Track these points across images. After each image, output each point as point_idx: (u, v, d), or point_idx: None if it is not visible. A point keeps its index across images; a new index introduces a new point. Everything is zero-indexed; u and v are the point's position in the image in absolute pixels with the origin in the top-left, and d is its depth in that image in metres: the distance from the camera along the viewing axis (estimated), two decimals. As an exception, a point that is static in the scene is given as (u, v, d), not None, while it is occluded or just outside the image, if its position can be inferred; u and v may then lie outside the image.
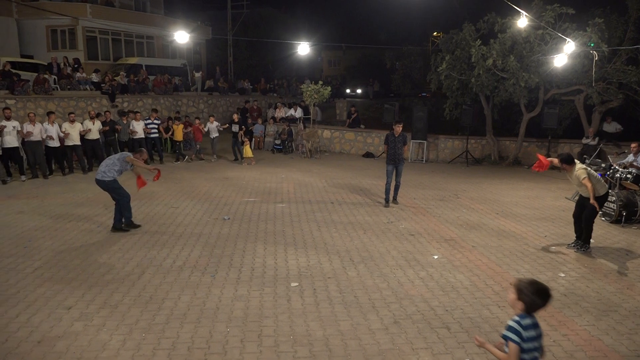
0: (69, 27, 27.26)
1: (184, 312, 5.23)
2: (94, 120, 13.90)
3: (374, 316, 5.22)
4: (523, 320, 2.93)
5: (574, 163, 7.39)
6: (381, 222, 9.11)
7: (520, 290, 2.96)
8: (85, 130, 13.55)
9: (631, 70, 14.61)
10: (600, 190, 7.35)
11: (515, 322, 2.94)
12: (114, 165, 8.07)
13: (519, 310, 2.99)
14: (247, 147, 16.07)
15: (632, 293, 5.96)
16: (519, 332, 2.90)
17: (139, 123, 15.16)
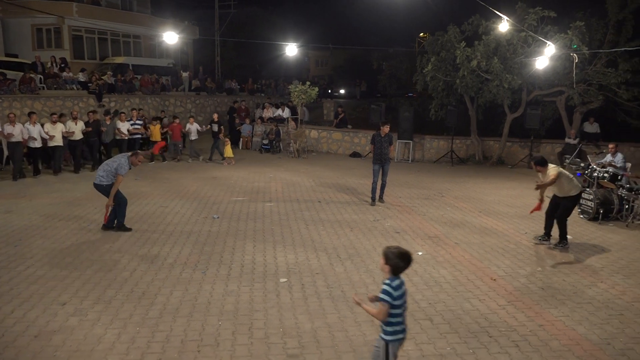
0: (54, 26, 27.09)
1: (176, 306, 5.39)
2: (77, 120, 13.75)
3: (360, 309, 5.41)
4: (393, 282, 3.40)
5: (547, 165, 7.77)
6: (367, 220, 9.32)
7: (387, 256, 3.42)
8: (68, 132, 13.41)
9: (610, 72, 15.01)
10: (572, 191, 7.72)
11: (387, 285, 3.40)
12: (111, 172, 8.13)
13: (386, 273, 3.44)
14: (228, 147, 16.12)
15: (605, 286, 6.25)
16: (391, 293, 3.37)
17: (124, 123, 15.05)
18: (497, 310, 5.49)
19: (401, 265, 3.39)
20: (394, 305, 3.38)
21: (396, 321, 3.44)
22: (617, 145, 11.12)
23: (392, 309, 3.39)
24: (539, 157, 7.91)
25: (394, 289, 3.38)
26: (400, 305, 3.42)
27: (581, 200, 9.90)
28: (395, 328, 3.45)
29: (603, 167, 10.49)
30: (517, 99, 17.05)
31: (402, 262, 3.39)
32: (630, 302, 5.79)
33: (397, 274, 3.43)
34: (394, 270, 3.41)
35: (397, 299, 3.38)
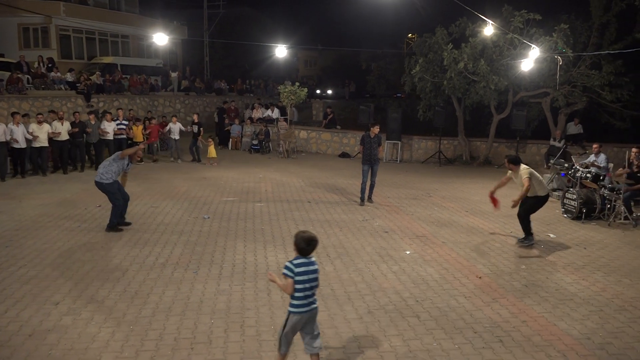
0: (41, 25, 26.93)
1: (169, 305, 5.48)
2: (63, 121, 13.65)
3: (349, 307, 5.56)
4: (295, 261, 3.92)
5: (520, 164, 7.96)
6: (357, 220, 9.47)
7: (295, 239, 3.97)
8: (54, 132, 13.30)
9: (594, 74, 15.31)
10: (541, 192, 7.93)
11: (289, 262, 3.93)
12: (110, 166, 8.18)
13: (295, 253, 3.95)
14: (212, 148, 16.10)
15: (587, 284, 6.45)
16: (292, 268, 3.88)
17: (110, 124, 14.86)
18: (482, 307, 5.65)
19: (304, 247, 3.90)
20: (297, 280, 3.86)
21: (299, 296, 3.90)
22: (601, 145, 11.40)
23: (296, 284, 3.87)
24: (513, 156, 8.15)
25: (295, 266, 3.88)
26: (303, 282, 3.89)
27: (565, 199, 10.16)
28: (299, 302, 3.92)
29: (586, 167, 10.74)
30: (504, 100, 17.31)
31: (305, 245, 3.89)
32: (610, 298, 5.99)
33: (302, 255, 3.92)
34: (299, 251, 3.93)
35: (299, 275, 3.86)
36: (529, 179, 7.70)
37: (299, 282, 3.87)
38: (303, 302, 3.93)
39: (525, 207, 7.96)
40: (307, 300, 3.95)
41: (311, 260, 3.97)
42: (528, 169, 7.88)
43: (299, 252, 3.93)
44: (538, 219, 9.78)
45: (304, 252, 3.92)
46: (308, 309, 3.97)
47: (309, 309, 3.97)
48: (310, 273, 3.93)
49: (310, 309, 3.98)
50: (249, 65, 37.74)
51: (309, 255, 3.95)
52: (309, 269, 3.92)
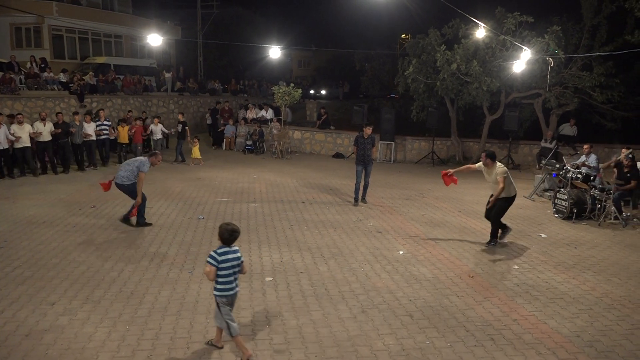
0: (34, 25, 26.76)
1: (164, 305, 5.52)
2: (45, 122, 13.35)
3: (343, 306, 5.63)
4: (219, 250, 4.38)
5: (496, 161, 7.95)
6: (350, 220, 9.54)
7: (219, 230, 4.42)
8: (35, 133, 12.99)
9: (585, 75, 15.50)
10: (512, 192, 7.95)
11: (213, 252, 4.37)
12: (132, 171, 8.44)
13: (219, 243, 4.39)
14: (196, 148, 16.03)
15: (577, 282, 6.55)
16: (215, 257, 4.33)
17: (90, 125, 14.53)
18: (474, 306, 5.74)
19: (227, 237, 4.37)
20: (221, 267, 4.33)
21: (223, 281, 4.38)
22: (592, 146, 11.54)
23: (219, 270, 4.34)
24: (491, 152, 8.09)
25: (219, 255, 4.34)
26: (227, 268, 4.36)
27: (556, 200, 10.29)
28: (223, 286, 4.39)
29: (577, 167, 10.88)
30: (496, 101, 17.46)
31: (228, 235, 4.37)
32: (600, 297, 6.10)
33: (225, 244, 4.40)
34: (222, 241, 4.39)
35: (222, 262, 4.34)
36: (505, 178, 7.72)
37: (223, 269, 4.35)
38: (227, 286, 4.39)
39: (497, 210, 7.93)
40: (230, 285, 4.41)
41: (234, 249, 4.45)
42: (504, 167, 7.88)
43: (223, 242, 4.39)
44: (529, 219, 9.93)
45: (227, 241, 4.39)
46: (232, 292, 4.44)
47: (233, 292, 4.45)
48: (233, 260, 4.40)
49: (234, 292, 4.46)
50: (243, 65, 37.75)
51: (231, 244, 4.42)
52: (231, 256, 4.40)
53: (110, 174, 12.56)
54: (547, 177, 12.21)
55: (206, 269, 4.37)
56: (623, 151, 10.56)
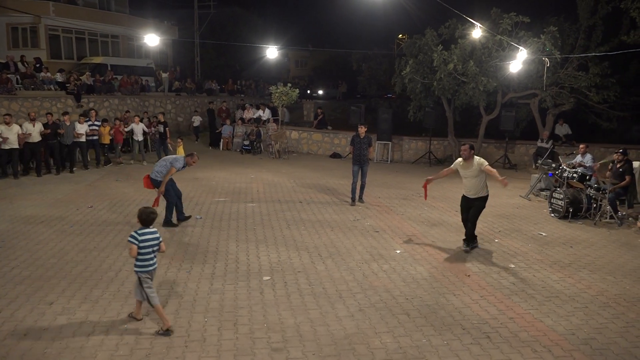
0: (30, 25, 26.69)
1: (162, 304, 5.51)
2: (34, 122, 13.09)
3: (340, 305, 5.66)
4: (139, 231, 4.99)
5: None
6: (348, 220, 9.57)
7: (138, 214, 5.06)
8: (25, 134, 12.73)
9: (581, 75, 15.58)
10: (486, 190, 7.73)
11: (134, 232, 4.98)
12: (166, 166, 8.53)
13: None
14: (180, 148, 15.46)
15: (572, 281, 6.60)
16: (136, 237, 4.93)
17: (82, 125, 14.28)
18: (471, 304, 5.78)
19: (144, 218, 5.02)
20: (141, 246, 4.93)
21: (143, 258, 4.96)
22: (588, 146, 11.60)
23: (140, 249, 4.92)
24: (472, 144, 7.85)
25: (139, 235, 4.95)
26: (146, 247, 4.97)
27: (552, 199, 10.34)
28: (143, 263, 4.98)
29: (573, 167, 10.94)
30: (493, 101, 17.52)
31: (145, 217, 5.02)
32: (595, 295, 6.14)
33: (144, 225, 5.02)
34: (141, 222, 5.03)
35: (142, 242, 4.94)
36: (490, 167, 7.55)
37: (143, 247, 4.95)
38: (145, 263, 4.99)
39: (475, 210, 7.69)
40: (149, 262, 5.02)
41: (152, 230, 5.07)
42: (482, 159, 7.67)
43: (142, 223, 5.03)
44: (526, 218, 9.98)
45: (145, 222, 5.02)
46: (151, 268, 5.04)
47: (152, 268, 5.05)
48: (151, 240, 5.02)
49: (152, 268, 5.06)
50: (240, 65, 37.74)
51: (149, 225, 5.05)
52: (150, 237, 5.01)
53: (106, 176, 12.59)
54: (543, 177, 12.26)
55: (129, 248, 4.95)
56: (615, 156, 10.64)
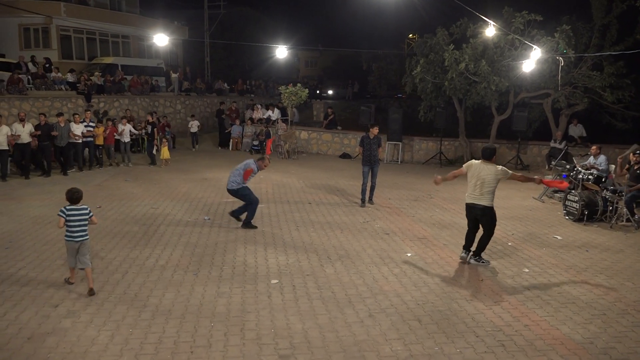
0: (42, 25, 26.88)
1: (168, 308, 5.44)
2: (24, 123, 12.73)
3: (350, 310, 5.53)
4: (67, 207, 5.82)
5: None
6: (357, 221, 9.43)
7: (66, 194, 5.91)
8: (14, 136, 12.36)
9: (596, 75, 15.28)
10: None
11: (64, 208, 5.82)
12: (240, 174, 8.66)
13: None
14: (165, 149, 15.74)
15: (589, 287, 6.40)
16: (64, 211, 5.77)
17: (78, 126, 13.95)
18: (484, 310, 5.62)
19: (70, 197, 5.85)
20: (68, 220, 5.75)
21: (69, 230, 5.79)
22: (600, 147, 11.36)
23: (67, 222, 5.76)
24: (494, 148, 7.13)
25: (67, 210, 5.79)
26: (72, 220, 5.77)
27: (566, 201, 10.12)
28: (69, 234, 5.80)
29: (587, 169, 10.70)
30: (505, 101, 17.27)
31: (71, 196, 5.85)
32: (613, 302, 5.95)
33: (71, 203, 5.84)
34: (68, 200, 5.85)
35: (69, 216, 5.77)
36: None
37: (70, 221, 5.77)
38: (72, 234, 5.79)
39: (492, 218, 6.92)
40: (75, 234, 5.80)
41: (82, 207, 5.89)
42: None
43: (69, 201, 5.84)
44: (539, 221, 9.78)
45: (72, 201, 5.84)
46: (78, 240, 5.80)
47: (79, 240, 5.80)
48: (79, 215, 5.83)
49: (80, 239, 5.82)
50: (250, 65, 37.74)
51: (77, 204, 5.85)
52: (77, 212, 5.83)
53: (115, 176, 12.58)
54: (557, 178, 12.00)
55: (58, 221, 5.81)
56: (631, 157, 10.40)
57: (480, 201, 6.85)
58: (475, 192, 6.89)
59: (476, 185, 6.86)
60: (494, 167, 6.82)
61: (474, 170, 6.94)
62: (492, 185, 6.80)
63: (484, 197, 6.82)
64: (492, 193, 6.85)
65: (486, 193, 6.81)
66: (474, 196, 6.90)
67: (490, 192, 6.83)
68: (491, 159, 6.91)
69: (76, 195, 5.84)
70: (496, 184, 6.84)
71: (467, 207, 7.07)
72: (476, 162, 7.04)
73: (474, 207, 6.94)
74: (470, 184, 6.97)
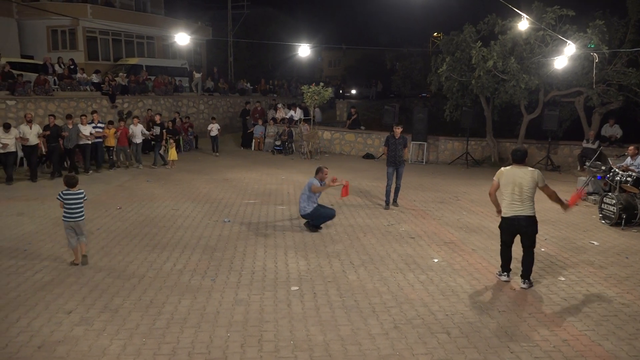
0: (69, 27, 27.25)
1: (184, 316, 5.22)
2: (31, 124, 12.56)
3: (374, 321, 5.22)
4: (64, 191, 6.55)
5: None
6: (381, 224, 9.11)
7: (63, 179, 6.72)
8: (22, 138, 12.23)
9: (631, 72, 14.63)
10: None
11: (61, 192, 6.57)
12: (309, 198, 8.42)
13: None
14: (173, 150, 15.18)
15: (632, 297, 5.96)
16: (62, 195, 6.51)
17: (85, 127, 13.58)
18: (518, 323, 5.24)
19: (66, 181, 6.59)
20: (65, 203, 6.49)
21: (67, 211, 6.50)
22: (638, 148, 10.76)
23: (65, 205, 6.50)
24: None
25: (64, 194, 6.51)
26: (69, 203, 6.50)
27: (603, 204, 9.60)
28: (66, 215, 6.51)
29: (624, 170, 10.15)
30: (534, 100, 16.70)
31: (67, 180, 6.59)
32: (659, 315, 5.50)
33: (68, 187, 6.55)
34: (66, 185, 6.57)
35: (66, 199, 6.50)
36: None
37: (67, 203, 6.48)
38: (68, 215, 6.49)
39: (531, 238, 6.13)
40: (72, 214, 6.50)
41: (78, 191, 6.60)
42: None
43: (66, 185, 6.55)
44: (574, 225, 9.30)
45: (68, 185, 6.53)
46: (73, 220, 6.50)
47: (74, 220, 6.50)
48: (74, 198, 6.53)
49: (75, 220, 6.52)
50: (273, 65, 37.63)
51: (72, 188, 6.54)
52: (72, 196, 6.52)
53: (137, 176, 12.49)
54: (591, 180, 11.47)
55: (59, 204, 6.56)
56: None
57: (524, 211, 5.99)
58: (515, 202, 6.03)
59: (514, 194, 6.03)
60: (529, 170, 6.09)
61: (507, 177, 6.14)
62: (531, 191, 6.00)
63: (526, 205, 6.00)
64: (533, 200, 6.06)
65: (527, 200, 5.99)
66: (516, 207, 6.02)
67: (531, 198, 6.03)
68: (523, 161, 6.19)
69: (72, 181, 6.57)
70: (535, 189, 6.04)
71: (508, 222, 6.13)
72: (506, 168, 6.26)
73: (517, 220, 6.03)
74: (506, 194, 6.12)
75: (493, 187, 6.37)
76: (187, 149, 18.64)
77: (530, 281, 6.28)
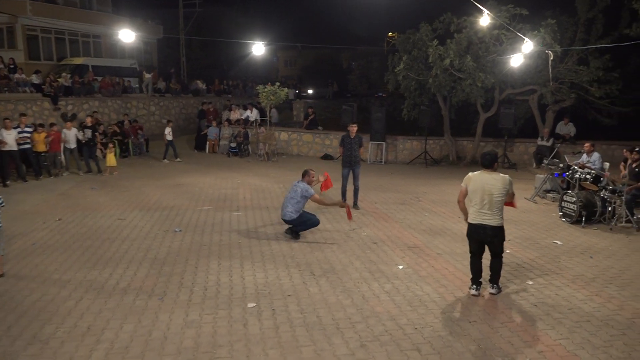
0: (7, 25, 25.56)
1: (125, 344, 4.63)
2: None
3: (338, 339, 4.80)
4: None
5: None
6: (342, 229, 8.72)
7: None
8: None
9: (582, 70, 14.88)
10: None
11: None
12: (297, 204, 8.05)
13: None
14: (111, 155, 14.09)
15: (602, 300, 5.79)
16: None
17: (9, 132, 12.27)
18: (491, 334, 4.94)
19: None
20: None
21: None
22: (594, 144, 10.85)
23: None
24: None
25: None
26: None
27: (563, 202, 9.56)
28: None
29: (582, 167, 10.16)
30: (490, 98, 16.76)
31: None
32: (631, 318, 5.33)
33: None
34: None
35: None
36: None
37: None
38: None
39: (499, 246, 5.88)
40: None
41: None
42: None
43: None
44: (535, 224, 9.21)
45: None
46: None
47: None
48: None
49: None
50: (227, 65, 36.76)
51: None
52: None
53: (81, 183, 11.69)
54: (549, 178, 11.48)
55: None
56: (625, 152, 9.90)
57: (490, 221, 5.68)
58: (484, 210, 5.69)
59: (484, 202, 5.67)
60: (500, 176, 5.74)
61: (475, 183, 5.77)
62: (502, 199, 5.69)
63: (495, 214, 5.67)
64: (502, 209, 5.75)
65: (496, 210, 5.67)
66: (484, 215, 5.70)
67: (501, 207, 5.71)
68: (493, 166, 5.79)
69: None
70: (505, 196, 5.73)
71: (473, 228, 5.83)
72: (475, 174, 5.85)
73: (482, 228, 5.73)
74: (475, 200, 5.76)
75: (461, 194, 5.98)
76: (138, 153, 17.72)
77: (499, 286, 6.02)
